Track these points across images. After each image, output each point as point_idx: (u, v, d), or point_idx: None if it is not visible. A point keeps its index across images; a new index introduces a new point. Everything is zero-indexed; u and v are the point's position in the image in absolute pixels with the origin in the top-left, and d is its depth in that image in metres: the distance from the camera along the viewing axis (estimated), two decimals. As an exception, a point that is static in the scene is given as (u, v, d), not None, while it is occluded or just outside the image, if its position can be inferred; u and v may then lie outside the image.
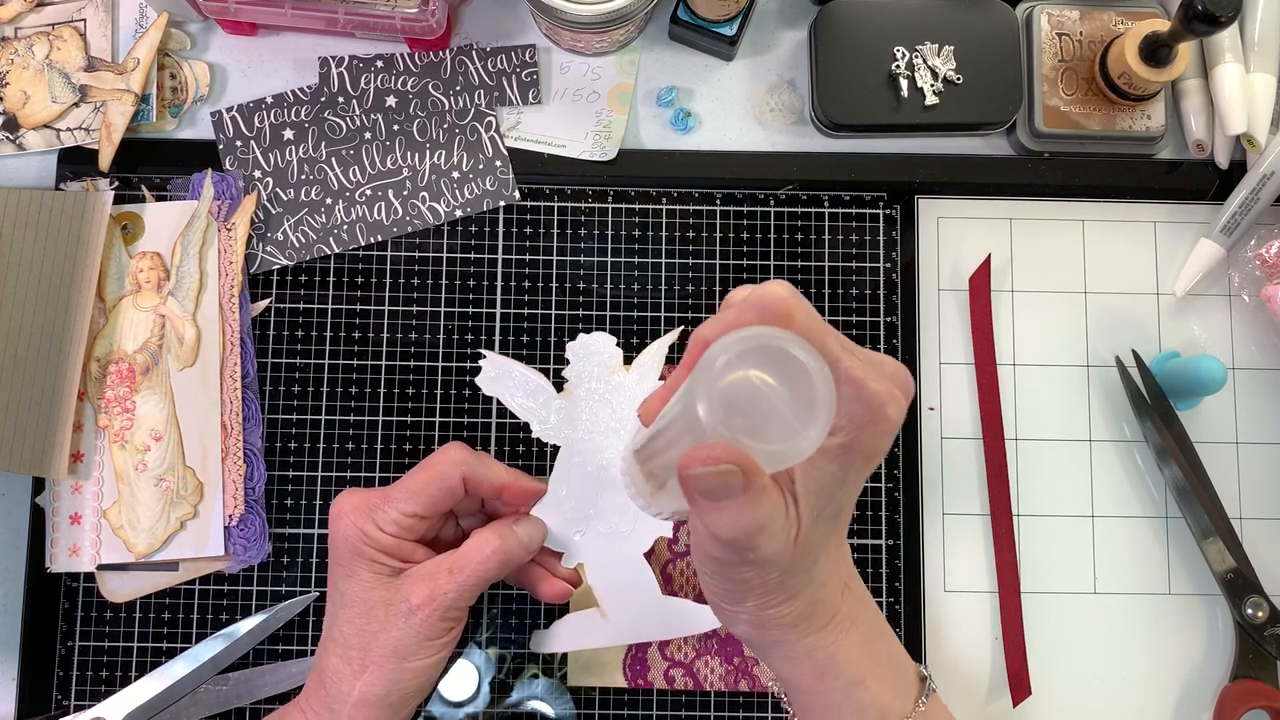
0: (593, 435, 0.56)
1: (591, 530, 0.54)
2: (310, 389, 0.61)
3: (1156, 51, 0.57)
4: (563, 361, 0.61)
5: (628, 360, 0.58)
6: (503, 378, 0.58)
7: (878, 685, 0.43)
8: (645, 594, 0.55)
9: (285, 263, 0.61)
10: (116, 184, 0.62)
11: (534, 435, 0.56)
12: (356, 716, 0.47)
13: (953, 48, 0.61)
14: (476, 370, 0.60)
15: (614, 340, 0.58)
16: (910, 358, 0.61)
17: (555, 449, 0.56)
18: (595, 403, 0.57)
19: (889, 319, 0.62)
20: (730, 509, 0.36)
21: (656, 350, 0.58)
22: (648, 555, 0.56)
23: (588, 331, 0.61)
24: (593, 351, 0.58)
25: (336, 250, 0.62)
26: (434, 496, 0.49)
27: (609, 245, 0.62)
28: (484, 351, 0.58)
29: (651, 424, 0.41)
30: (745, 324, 0.36)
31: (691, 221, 0.62)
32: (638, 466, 0.45)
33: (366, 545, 0.48)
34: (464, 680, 0.58)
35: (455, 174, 0.62)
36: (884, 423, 0.37)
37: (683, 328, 0.61)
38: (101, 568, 0.58)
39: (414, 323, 0.61)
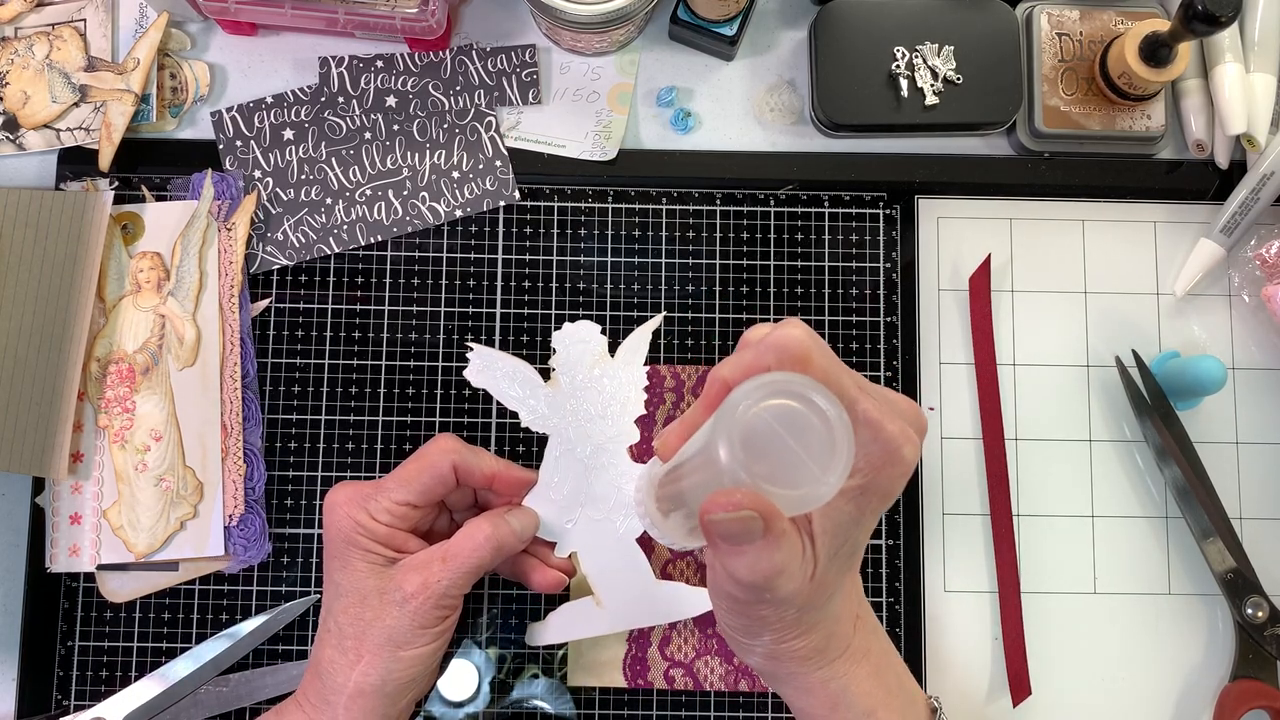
0: (581, 423, 0.57)
1: (583, 518, 0.55)
2: (310, 389, 0.61)
3: (1156, 51, 0.57)
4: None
5: (612, 348, 0.59)
6: (490, 368, 0.58)
7: (889, 715, 0.44)
8: (639, 579, 0.56)
9: (285, 263, 0.61)
10: (116, 184, 0.62)
11: (523, 425, 0.57)
12: (353, 707, 0.47)
13: (953, 48, 0.61)
14: (476, 370, 0.60)
15: (599, 328, 0.59)
16: (910, 358, 0.61)
17: (546, 440, 0.57)
18: (582, 390, 0.57)
19: (889, 319, 0.62)
20: (750, 553, 0.37)
21: (639, 337, 0.59)
22: (641, 542, 0.56)
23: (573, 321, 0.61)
24: (578, 340, 0.59)
25: (336, 250, 0.62)
26: (426, 484, 0.50)
27: (609, 245, 0.62)
28: (471, 344, 0.59)
29: (670, 460, 0.42)
30: (763, 366, 0.37)
31: (691, 221, 0.62)
32: (653, 499, 0.46)
33: (360, 535, 0.48)
34: (464, 680, 0.58)
35: (455, 174, 0.62)
36: (900, 464, 0.38)
37: (664, 314, 0.61)
38: (101, 568, 0.58)
39: (414, 323, 0.61)
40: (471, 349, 0.59)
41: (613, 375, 0.58)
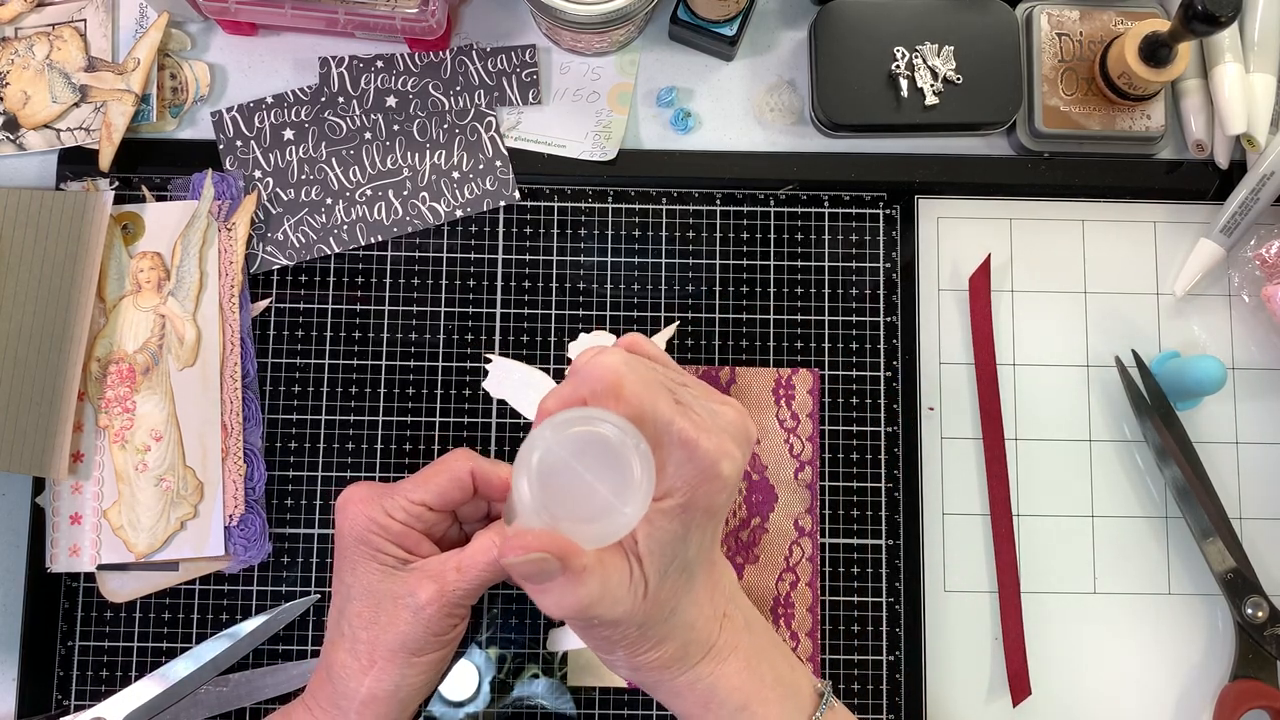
0: None
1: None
2: (310, 389, 0.61)
3: (1156, 51, 0.57)
4: (564, 361, 0.61)
5: None
6: (508, 379, 0.58)
7: (764, 708, 0.45)
8: None
9: (285, 263, 0.61)
10: (117, 184, 0.62)
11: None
12: (365, 713, 0.47)
13: (953, 48, 0.61)
14: (477, 370, 0.60)
15: (614, 338, 0.58)
16: (910, 358, 0.61)
17: None
18: None
19: (889, 319, 0.62)
20: (553, 590, 0.37)
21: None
22: None
23: (588, 331, 0.61)
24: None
25: (336, 250, 0.62)
26: (442, 486, 0.49)
27: (609, 245, 0.62)
28: (490, 356, 0.59)
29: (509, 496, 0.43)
30: (579, 398, 0.38)
31: (691, 221, 0.62)
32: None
33: (374, 533, 0.47)
34: (464, 680, 0.58)
35: (455, 174, 0.62)
36: (717, 480, 0.39)
37: (678, 323, 0.61)
38: (102, 568, 0.58)
39: (414, 323, 0.61)
40: (490, 360, 0.58)
41: None
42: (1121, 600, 0.60)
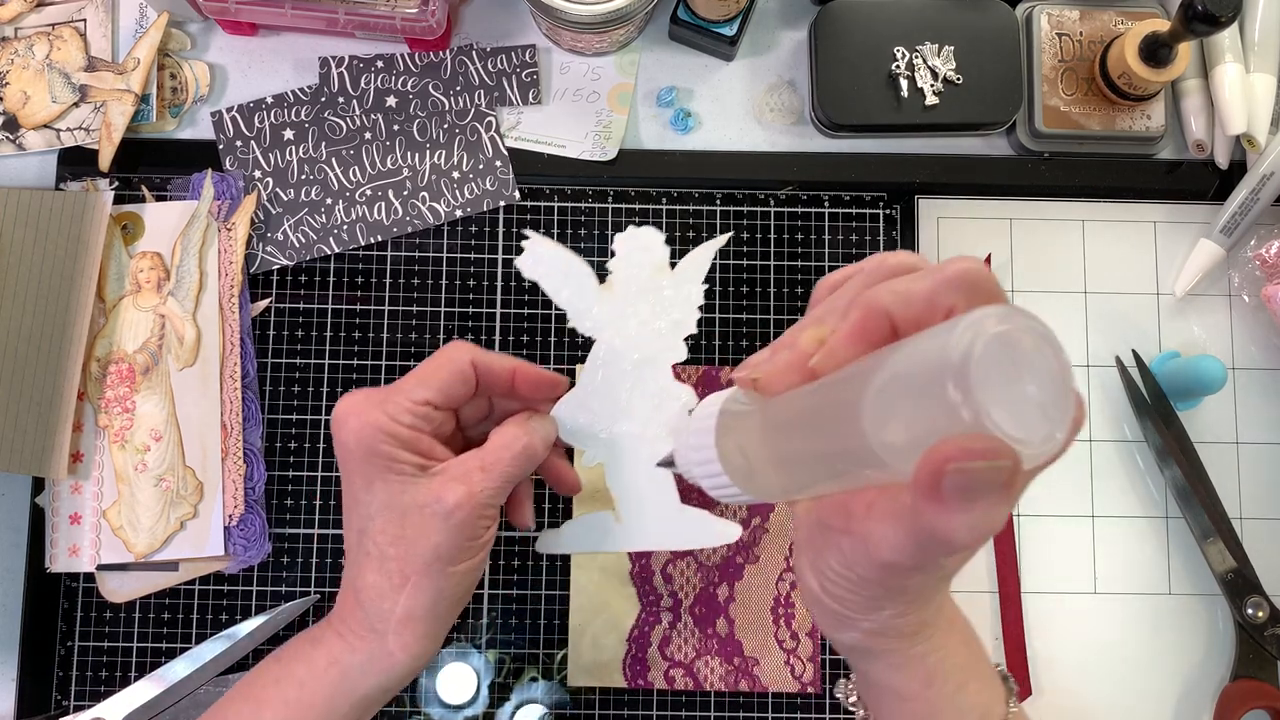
0: (630, 332, 0.53)
1: (616, 429, 0.52)
2: (310, 389, 0.61)
3: (1156, 51, 0.57)
4: (569, 359, 0.61)
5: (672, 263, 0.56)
6: (544, 261, 0.54)
7: (979, 686, 0.41)
8: (664, 499, 0.53)
9: (285, 263, 0.61)
10: (116, 184, 0.62)
11: (569, 326, 0.53)
12: (404, 632, 0.43)
13: (953, 48, 0.61)
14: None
15: (663, 237, 0.55)
16: (910, 358, 0.61)
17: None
18: (636, 298, 0.53)
19: (889, 319, 0.61)
20: (979, 509, 0.30)
21: (703, 253, 0.55)
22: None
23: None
24: (640, 246, 0.55)
25: (336, 250, 0.62)
26: (445, 381, 0.45)
27: (609, 245, 0.62)
28: (528, 232, 0.54)
29: (779, 397, 0.35)
30: (945, 305, 0.31)
31: (691, 221, 0.62)
32: (719, 439, 0.39)
33: (383, 442, 0.43)
34: (463, 683, 0.58)
35: (455, 174, 0.62)
36: (1074, 424, 0.34)
37: (731, 233, 0.59)
38: (101, 568, 0.58)
39: (414, 323, 0.61)
40: (529, 237, 0.54)
41: (672, 288, 0.54)
42: (1122, 600, 0.60)
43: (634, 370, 0.52)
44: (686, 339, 0.54)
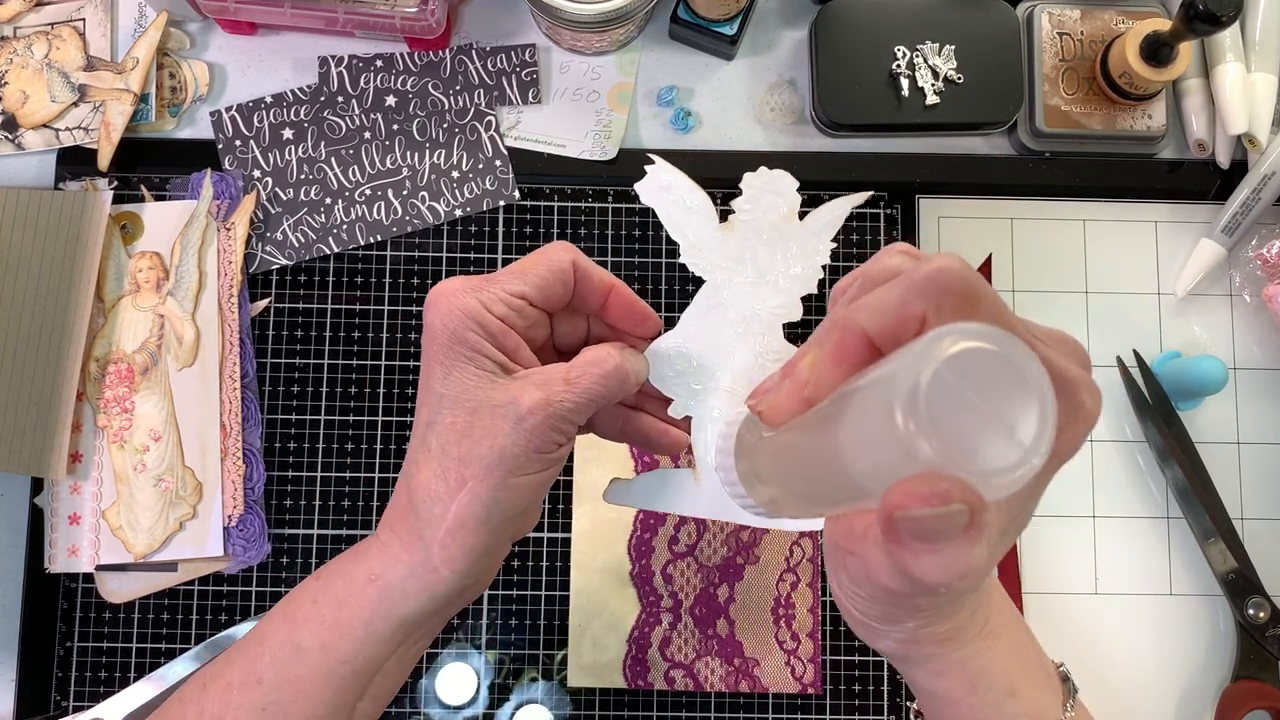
0: (745, 280, 0.48)
1: (712, 383, 0.47)
2: (310, 389, 0.61)
3: (1157, 51, 0.57)
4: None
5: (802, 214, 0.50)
6: (667, 189, 0.49)
7: (1031, 692, 0.40)
8: None
9: (285, 262, 0.61)
10: (115, 184, 0.61)
11: (680, 259, 0.48)
12: (451, 543, 0.40)
13: (953, 47, 0.61)
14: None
15: (796, 184, 0.49)
16: (911, 358, 0.61)
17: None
18: (758, 244, 0.48)
19: (890, 319, 0.61)
20: (945, 552, 0.29)
21: (839, 208, 0.49)
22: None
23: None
24: (771, 189, 0.49)
25: (336, 250, 0.61)
26: (543, 277, 0.42)
27: (609, 245, 0.62)
28: (653, 156, 0.50)
29: (780, 428, 0.35)
30: (915, 314, 0.30)
31: (692, 221, 0.62)
32: (747, 456, 0.39)
33: (471, 330, 0.40)
34: (463, 684, 0.58)
35: (455, 174, 0.62)
36: (1085, 419, 0.33)
37: (870, 192, 0.52)
38: (100, 568, 0.58)
39: (414, 323, 0.61)
40: (654, 161, 0.49)
41: (798, 240, 0.49)
42: (1123, 601, 0.60)
43: (742, 322, 0.48)
44: (805, 298, 0.48)
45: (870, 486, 0.29)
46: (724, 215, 0.49)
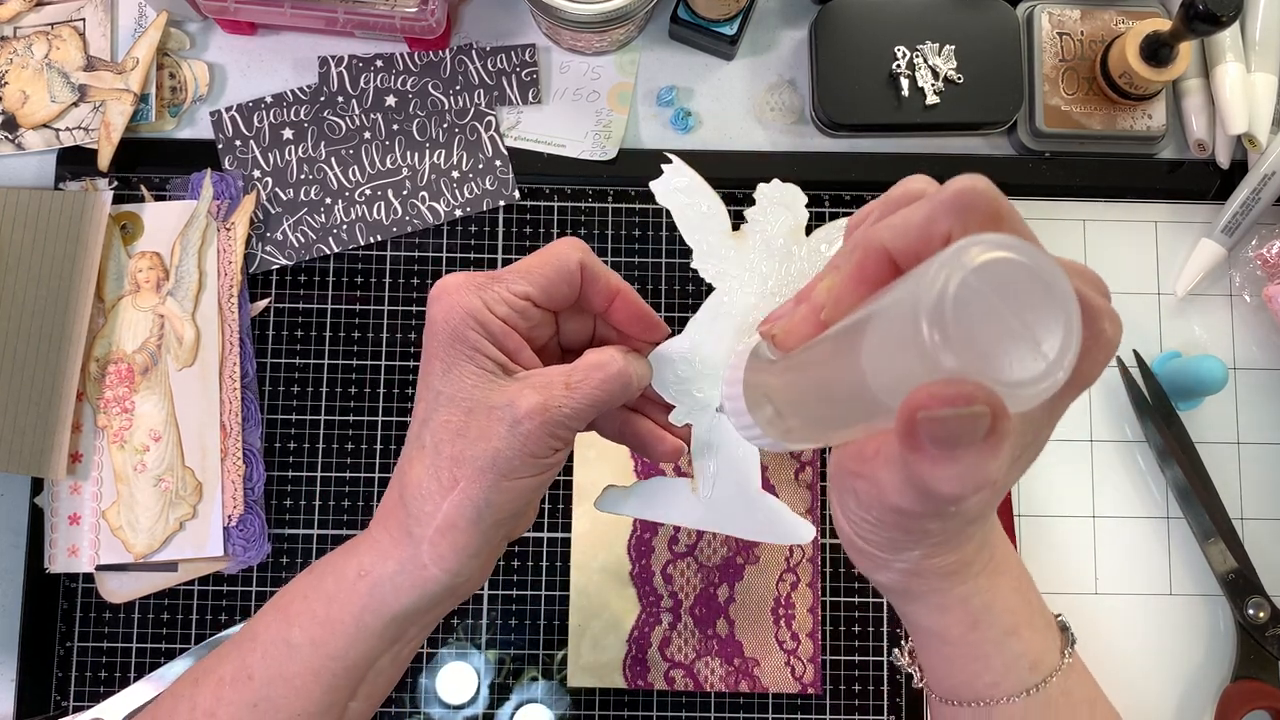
0: (753, 289, 0.48)
1: (714, 392, 0.47)
2: (310, 389, 0.61)
3: (1157, 51, 0.57)
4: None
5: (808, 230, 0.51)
6: (683, 191, 0.49)
7: (1031, 634, 0.39)
8: (746, 481, 0.48)
9: (285, 262, 0.61)
10: (115, 184, 0.61)
11: (691, 265, 0.49)
12: (440, 542, 0.39)
13: (953, 47, 0.61)
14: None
15: (805, 199, 0.50)
16: (911, 358, 0.61)
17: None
18: (766, 255, 0.49)
19: (890, 319, 0.61)
20: (965, 460, 0.28)
21: (842, 225, 0.49)
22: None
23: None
24: (779, 202, 0.50)
25: (336, 250, 0.61)
26: (549, 278, 0.41)
27: (609, 245, 0.62)
28: (671, 156, 0.49)
29: (794, 351, 0.34)
30: (941, 232, 0.30)
31: (692, 221, 0.62)
32: (745, 387, 0.39)
33: (473, 328, 0.40)
34: (463, 683, 0.58)
35: (455, 174, 0.62)
36: (1105, 346, 0.32)
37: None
38: (100, 568, 0.58)
39: (414, 323, 0.61)
40: (671, 160, 0.49)
41: (803, 255, 0.49)
42: (1123, 601, 0.60)
43: (748, 332, 0.48)
44: None
45: (890, 401, 0.28)
46: (735, 224, 0.49)
